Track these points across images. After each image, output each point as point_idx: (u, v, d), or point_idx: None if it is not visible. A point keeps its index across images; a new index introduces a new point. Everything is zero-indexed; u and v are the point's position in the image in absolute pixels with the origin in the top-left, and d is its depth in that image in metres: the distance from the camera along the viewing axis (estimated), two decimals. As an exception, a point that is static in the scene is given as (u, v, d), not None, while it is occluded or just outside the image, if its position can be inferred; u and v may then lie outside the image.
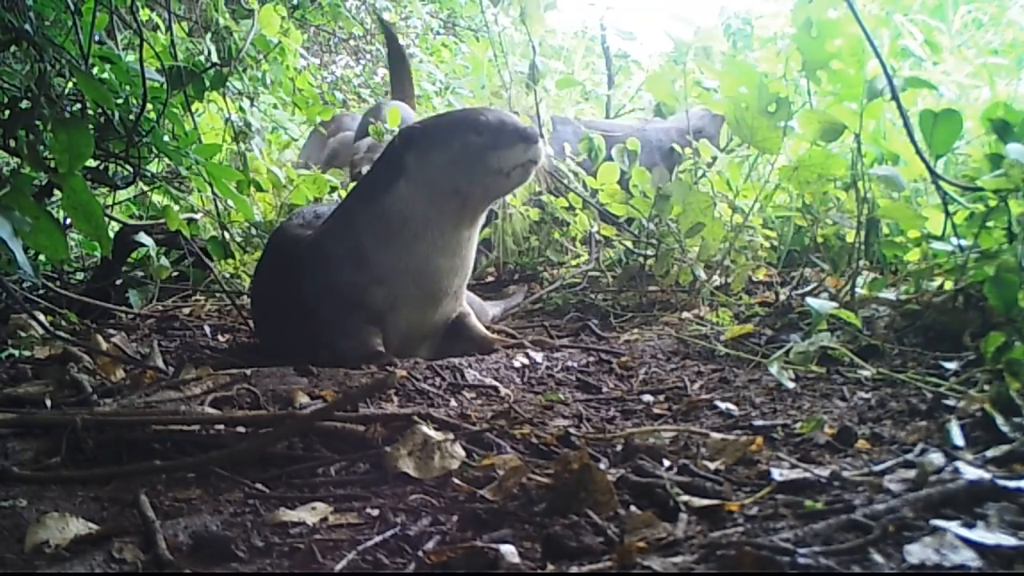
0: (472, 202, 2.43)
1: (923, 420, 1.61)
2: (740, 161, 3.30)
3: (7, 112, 2.26)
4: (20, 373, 2.15)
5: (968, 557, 0.99)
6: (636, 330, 2.86)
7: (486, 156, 2.37)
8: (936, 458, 1.35)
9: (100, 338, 2.41)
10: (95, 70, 2.47)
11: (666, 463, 1.51)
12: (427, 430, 1.58)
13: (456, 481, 1.47)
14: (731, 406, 1.90)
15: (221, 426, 1.70)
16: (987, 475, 1.22)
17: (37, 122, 2.22)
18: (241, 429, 1.70)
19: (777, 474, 1.38)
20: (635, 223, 3.54)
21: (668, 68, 3.49)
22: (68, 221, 2.64)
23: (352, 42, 9.05)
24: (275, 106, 5.75)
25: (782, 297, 2.74)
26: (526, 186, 3.83)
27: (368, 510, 1.39)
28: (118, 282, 3.22)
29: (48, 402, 1.91)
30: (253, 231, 3.55)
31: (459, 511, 1.34)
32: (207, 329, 2.87)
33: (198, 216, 3.06)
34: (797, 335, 2.32)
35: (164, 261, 3.16)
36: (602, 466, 1.48)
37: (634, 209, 3.33)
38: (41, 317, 2.44)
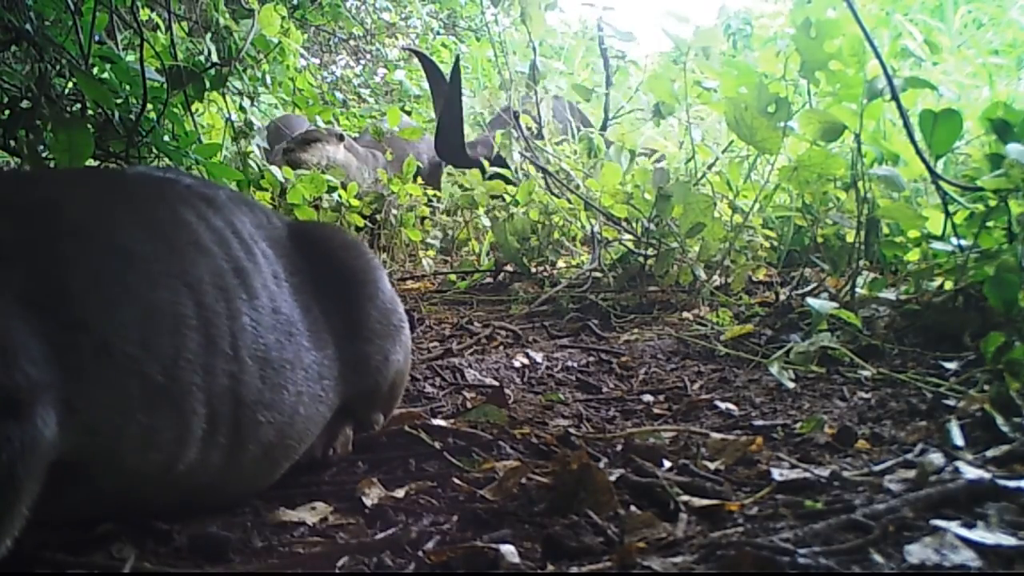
0: None
1: (923, 420, 1.61)
2: (740, 161, 3.30)
3: (7, 112, 2.26)
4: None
5: (968, 557, 0.99)
6: (636, 330, 2.86)
7: None
8: (936, 458, 1.35)
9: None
10: (95, 70, 2.47)
11: (666, 463, 1.51)
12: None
13: (456, 481, 1.47)
14: (731, 406, 1.90)
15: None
16: (987, 475, 1.22)
17: (37, 122, 2.22)
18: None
19: (777, 474, 1.38)
20: (637, 223, 3.54)
21: (667, 68, 3.49)
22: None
23: (352, 42, 9.05)
24: (275, 106, 5.75)
25: (782, 297, 2.74)
26: (527, 186, 3.85)
27: (368, 510, 1.39)
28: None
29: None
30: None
31: (459, 511, 1.34)
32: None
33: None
34: (797, 335, 2.32)
35: None
36: (602, 466, 1.48)
37: (635, 210, 3.33)
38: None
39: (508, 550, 1.13)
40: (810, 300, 2.29)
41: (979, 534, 1.03)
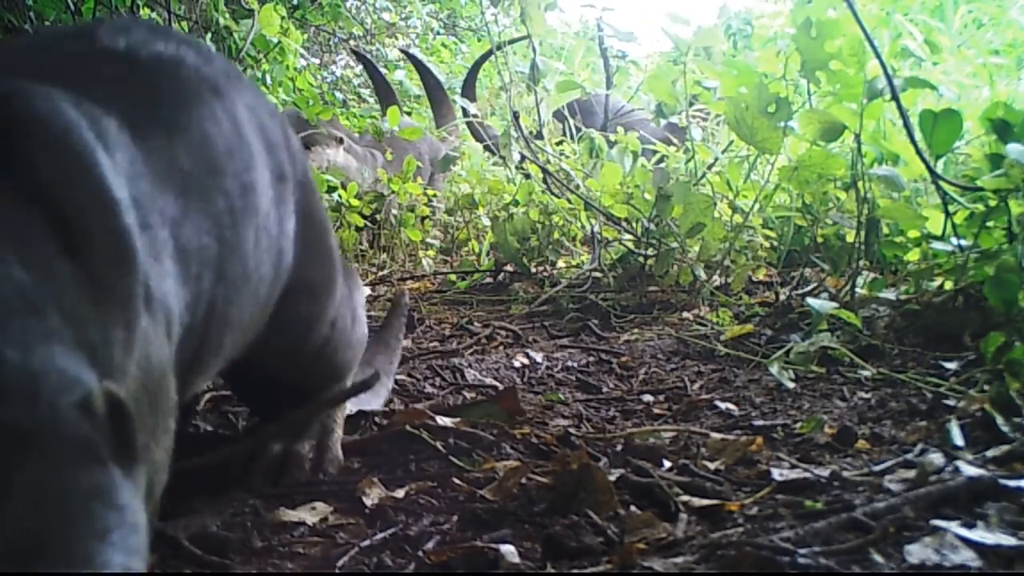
0: None
1: (923, 420, 1.61)
2: (740, 161, 3.30)
3: (7, 112, 2.26)
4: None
5: (968, 557, 0.99)
6: (636, 330, 2.86)
7: None
8: (936, 458, 1.35)
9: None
10: (95, 70, 2.47)
11: (666, 463, 1.50)
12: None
13: (456, 481, 1.47)
14: (731, 406, 1.90)
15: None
16: (987, 473, 1.22)
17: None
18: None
19: (777, 474, 1.38)
20: (637, 223, 3.54)
21: (667, 68, 3.48)
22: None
23: (352, 42, 9.05)
24: (275, 106, 5.74)
25: (782, 297, 2.74)
26: (527, 186, 3.85)
27: (368, 510, 1.39)
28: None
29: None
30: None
31: (459, 511, 1.34)
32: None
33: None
34: (797, 335, 2.32)
35: None
36: (602, 466, 1.48)
37: (635, 210, 3.32)
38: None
39: (508, 550, 1.13)
40: (810, 300, 2.29)
41: (979, 534, 1.03)
